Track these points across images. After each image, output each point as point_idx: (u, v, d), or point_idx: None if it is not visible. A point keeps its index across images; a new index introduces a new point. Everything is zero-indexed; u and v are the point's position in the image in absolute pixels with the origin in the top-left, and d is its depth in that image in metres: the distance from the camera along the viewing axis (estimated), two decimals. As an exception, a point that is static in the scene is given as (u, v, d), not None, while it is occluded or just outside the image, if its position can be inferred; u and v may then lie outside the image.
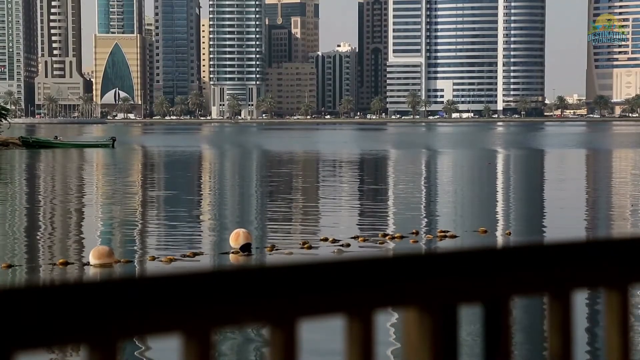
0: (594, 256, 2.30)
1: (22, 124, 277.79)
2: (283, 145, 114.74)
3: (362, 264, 1.98)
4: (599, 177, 59.44)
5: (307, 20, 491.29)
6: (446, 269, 2.08)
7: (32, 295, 1.65)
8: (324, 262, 1.94)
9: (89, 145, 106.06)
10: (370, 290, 1.99)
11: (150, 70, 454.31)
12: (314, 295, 1.92)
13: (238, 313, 1.84)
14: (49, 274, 22.17)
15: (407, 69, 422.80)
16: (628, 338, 2.32)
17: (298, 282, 1.90)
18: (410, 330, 2.07)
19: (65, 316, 1.68)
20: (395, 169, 67.45)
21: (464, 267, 2.10)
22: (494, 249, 2.19)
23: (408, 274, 2.03)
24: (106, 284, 1.72)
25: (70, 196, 44.53)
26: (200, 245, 26.65)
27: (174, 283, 1.78)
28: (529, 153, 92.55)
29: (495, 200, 41.98)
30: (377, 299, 2.00)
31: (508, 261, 2.19)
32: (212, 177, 61.18)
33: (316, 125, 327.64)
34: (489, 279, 2.15)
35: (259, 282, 1.86)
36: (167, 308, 1.77)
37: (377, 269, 2.00)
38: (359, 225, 31.71)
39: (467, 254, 2.15)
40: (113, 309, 1.71)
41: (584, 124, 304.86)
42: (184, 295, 1.79)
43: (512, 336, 2.18)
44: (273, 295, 1.87)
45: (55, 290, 1.67)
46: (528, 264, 2.20)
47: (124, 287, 1.73)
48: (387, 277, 2.01)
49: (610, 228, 31.55)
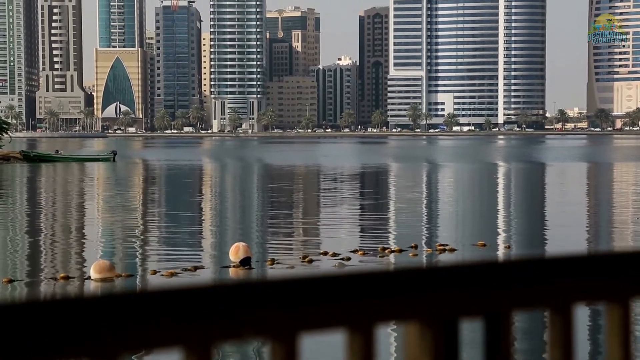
0: (595, 270, 2.30)
1: (23, 138, 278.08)
2: (284, 158, 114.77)
3: (363, 278, 1.98)
4: (600, 190, 59.43)
5: (308, 34, 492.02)
6: (447, 283, 2.07)
7: (32, 310, 1.65)
8: (325, 276, 1.94)
9: (90, 159, 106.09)
10: (371, 304, 1.98)
11: (151, 84, 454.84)
12: (315, 309, 1.92)
13: (239, 327, 1.84)
14: (50, 289, 22.15)
15: (408, 82, 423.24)
16: (629, 352, 2.32)
17: (299, 296, 1.90)
18: (411, 345, 2.06)
19: (66, 331, 1.68)
20: (396, 183, 67.44)
21: (464, 281, 2.09)
22: (495, 263, 2.19)
23: (409, 287, 2.03)
24: (107, 298, 1.72)
25: (71, 210, 44.53)
26: (200, 259, 26.62)
27: (175, 297, 1.78)
28: (529, 166, 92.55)
29: (495, 214, 41.96)
30: (378, 313, 1.99)
31: (509, 275, 2.18)
32: (212, 191, 61.18)
33: (317, 138, 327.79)
34: (489, 293, 2.15)
35: (260, 296, 1.85)
36: (168, 322, 1.77)
37: (378, 283, 2.00)
38: (358, 239, 31.69)
39: (468, 268, 2.15)
40: (114, 324, 1.71)
41: (585, 137, 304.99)
42: (185, 310, 1.79)
43: (513, 350, 2.19)
44: (274, 309, 1.87)
45: (57, 305, 1.67)
46: (529, 278, 2.20)
47: (125, 302, 1.73)
48: (387, 291, 2.00)
49: (611, 241, 31.51)
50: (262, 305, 1.85)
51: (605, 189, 60.10)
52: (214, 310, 1.81)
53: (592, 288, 2.29)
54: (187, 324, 1.79)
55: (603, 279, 2.30)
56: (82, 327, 1.68)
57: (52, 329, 1.66)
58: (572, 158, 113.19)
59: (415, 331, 2.05)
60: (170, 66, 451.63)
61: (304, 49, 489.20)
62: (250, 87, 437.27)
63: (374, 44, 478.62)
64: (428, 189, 61.96)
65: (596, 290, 2.30)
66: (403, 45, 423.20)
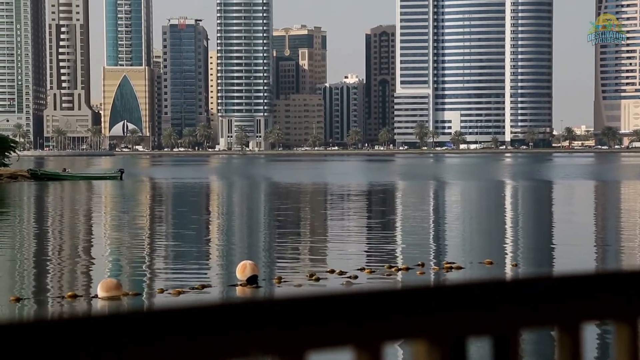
0: (604, 289, 2.29)
1: (30, 156, 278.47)
2: (290, 176, 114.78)
3: (370, 297, 1.98)
4: (608, 208, 59.30)
5: (315, 52, 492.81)
6: (455, 302, 2.07)
7: (39, 329, 1.65)
8: (332, 294, 1.94)
9: (97, 177, 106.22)
10: (379, 322, 1.98)
11: (158, 102, 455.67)
12: (322, 327, 1.92)
13: (246, 345, 1.83)
14: (57, 307, 22.13)
15: (415, 100, 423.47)
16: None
17: (306, 314, 1.90)
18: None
19: (74, 349, 1.67)
20: (403, 201, 67.38)
21: (472, 299, 2.09)
22: (502, 281, 2.18)
23: (417, 306, 2.02)
24: (114, 317, 1.71)
25: (78, 228, 44.56)
26: (208, 277, 26.60)
27: (182, 316, 1.78)
28: (537, 184, 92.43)
29: (502, 232, 41.89)
30: (386, 332, 1.99)
31: (516, 293, 2.18)
32: (219, 209, 61.17)
33: (324, 156, 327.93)
34: (497, 311, 2.16)
35: (267, 314, 1.85)
36: (175, 340, 1.77)
37: (385, 302, 1.99)
38: (365, 257, 31.65)
39: (476, 287, 2.16)
40: (120, 342, 1.71)
41: (592, 155, 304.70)
42: (192, 328, 1.79)
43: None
44: (281, 327, 1.87)
45: (63, 324, 1.67)
46: (537, 296, 2.20)
47: (132, 321, 1.73)
48: (395, 309, 2.00)
49: (619, 260, 31.43)
50: (269, 324, 1.85)
51: (613, 207, 59.97)
52: (221, 329, 1.81)
53: (601, 307, 2.29)
54: (194, 343, 1.78)
55: (611, 298, 2.29)
56: (89, 346, 1.68)
57: (59, 348, 1.66)
58: (579, 176, 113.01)
59: (423, 350, 2.04)
60: (178, 84, 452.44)
61: (310, 67, 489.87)
62: (257, 105, 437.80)
63: (380, 62, 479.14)
64: (435, 206, 61.90)
65: (605, 309, 2.30)
66: (410, 63, 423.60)
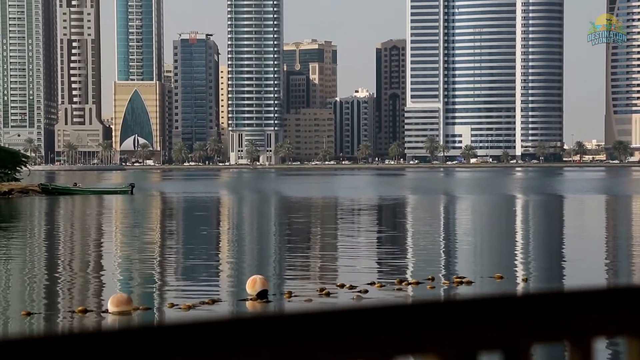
0: (615, 304, 2.28)
1: (41, 171, 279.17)
2: (301, 190, 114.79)
3: (381, 311, 1.98)
4: (619, 223, 59.14)
5: (325, 66, 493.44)
6: (466, 316, 2.06)
7: (49, 344, 1.65)
8: (343, 309, 1.94)
9: (107, 191, 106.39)
10: (389, 337, 1.98)
11: (169, 117, 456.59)
12: (333, 342, 1.91)
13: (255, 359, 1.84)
14: (67, 322, 22.13)
15: (425, 114, 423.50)
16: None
17: (316, 329, 1.90)
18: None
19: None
20: (413, 215, 67.32)
21: (483, 314, 2.09)
22: (514, 296, 2.18)
23: (427, 320, 2.02)
24: (125, 332, 1.71)
25: (89, 243, 44.62)
26: (218, 291, 26.58)
27: (193, 331, 1.78)
28: (547, 199, 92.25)
29: (513, 246, 41.80)
30: (396, 346, 1.99)
31: (528, 309, 2.18)
32: (229, 223, 61.19)
33: (334, 170, 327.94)
34: (508, 326, 2.16)
35: (277, 329, 1.85)
36: (186, 356, 1.77)
37: (396, 316, 2.00)
38: (376, 271, 31.60)
39: (487, 301, 2.16)
40: (131, 357, 1.70)
41: (603, 170, 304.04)
42: (203, 343, 1.79)
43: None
44: (291, 342, 1.87)
45: (74, 339, 1.67)
46: (548, 311, 2.20)
47: (142, 336, 1.72)
48: (406, 324, 2.00)
49: (630, 275, 31.32)
50: (279, 339, 1.84)
51: (624, 221, 59.80)
52: (231, 344, 1.80)
53: (612, 322, 2.27)
54: (204, 358, 1.78)
55: (623, 313, 2.28)
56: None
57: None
58: (590, 190, 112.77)
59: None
60: (188, 99, 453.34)
61: (321, 81, 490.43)
62: (268, 120, 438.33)
63: (391, 76, 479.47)
64: (445, 221, 61.81)
65: (616, 325, 2.28)
66: (420, 77, 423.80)
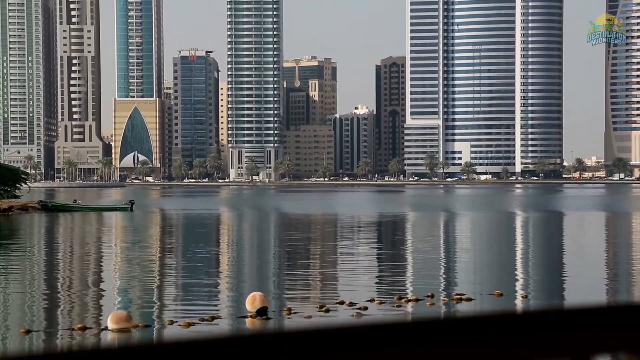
0: (615, 321, 2.34)
1: (41, 188, 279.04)
2: (301, 207, 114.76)
3: (381, 328, 2.00)
4: (619, 240, 59.14)
5: (325, 83, 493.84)
6: (466, 333, 2.09)
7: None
8: (342, 326, 1.94)
9: (107, 208, 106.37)
10: (390, 353, 1.99)
11: (169, 133, 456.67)
12: (334, 359, 1.92)
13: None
14: (67, 339, 22.16)
15: (425, 131, 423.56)
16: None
17: (317, 346, 1.90)
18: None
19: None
20: (413, 232, 67.31)
21: (484, 331, 2.11)
22: (515, 313, 2.21)
23: (427, 337, 2.05)
24: (124, 350, 1.71)
25: (89, 260, 44.62)
26: (217, 309, 26.60)
27: (192, 348, 1.77)
28: (547, 215, 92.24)
29: (512, 263, 41.80)
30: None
31: (528, 325, 2.22)
32: (229, 240, 61.19)
33: (334, 187, 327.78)
34: (509, 343, 2.16)
35: (276, 347, 1.85)
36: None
37: (396, 333, 2.01)
38: (375, 288, 31.61)
39: (488, 318, 2.15)
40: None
41: (603, 186, 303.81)
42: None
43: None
44: (291, 359, 1.87)
45: (74, 357, 1.68)
46: (548, 328, 2.24)
47: (142, 353, 1.71)
48: (406, 340, 2.02)
49: (630, 292, 31.34)
50: (279, 356, 1.84)
51: (624, 238, 59.80)
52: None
53: (613, 339, 2.33)
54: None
55: (623, 330, 2.34)
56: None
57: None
58: (590, 207, 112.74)
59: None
60: (188, 115, 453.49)
61: (321, 98, 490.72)
62: (268, 136, 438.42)
63: (390, 92, 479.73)
64: (445, 238, 61.81)
65: (616, 341, 2.34)
66: (420, 94, 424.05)
